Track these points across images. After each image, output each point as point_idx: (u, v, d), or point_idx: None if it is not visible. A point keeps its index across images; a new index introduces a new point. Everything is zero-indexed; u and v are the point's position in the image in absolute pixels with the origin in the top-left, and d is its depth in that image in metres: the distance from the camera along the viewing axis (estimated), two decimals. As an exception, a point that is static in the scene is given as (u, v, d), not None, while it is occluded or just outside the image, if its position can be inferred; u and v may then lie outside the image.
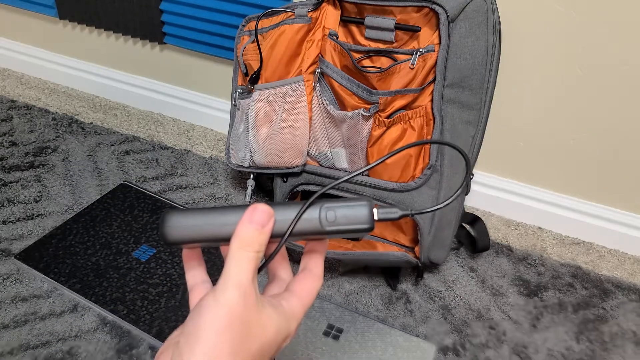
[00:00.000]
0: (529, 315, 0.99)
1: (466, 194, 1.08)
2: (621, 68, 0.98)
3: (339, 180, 0.44)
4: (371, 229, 0.43)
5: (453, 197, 0.43)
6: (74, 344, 0.92)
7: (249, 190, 1.16)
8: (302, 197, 1.11)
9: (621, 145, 1.05)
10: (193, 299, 0.45)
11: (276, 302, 0.42)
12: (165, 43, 1.37)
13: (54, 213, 1.16)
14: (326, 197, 1.06)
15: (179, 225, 0.42)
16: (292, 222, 0.42)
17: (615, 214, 1.12)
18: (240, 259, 0.39)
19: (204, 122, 1.44)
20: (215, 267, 1.03)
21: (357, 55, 0.93)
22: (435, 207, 0.44)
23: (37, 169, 1.28)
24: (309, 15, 0.95)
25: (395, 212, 0.44)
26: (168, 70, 1.43)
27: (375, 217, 0.43)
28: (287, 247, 0.97)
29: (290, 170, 1.02)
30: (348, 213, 0.43)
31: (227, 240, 0.41)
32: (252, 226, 0.40)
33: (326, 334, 0.93)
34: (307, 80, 0.97)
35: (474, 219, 1.11)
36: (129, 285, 1.00)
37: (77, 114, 1.47)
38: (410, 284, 1.04)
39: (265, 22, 0.98)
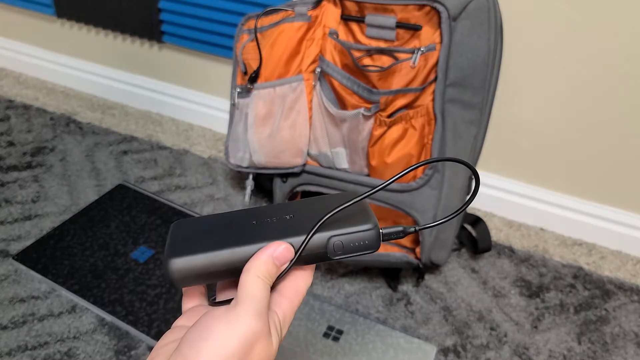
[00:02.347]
0: (531, 317, 0.99)
1: (467, 194, 1.07)
2: (624, 68, 0.97)
3: (360, 197, 0.43)
4: (377, 248, 0.43)
5: (456, 213, 0.42)
6: (72, 345, 0.91)
7: (248, 191, 1.16)
8: (302, 197, 1.10)
9: (624, 145, 1.04)
10: (187, 319, 0.44)
11: (273, 314, 0.42)
12: (163, 42, 1.36)
13: (51, 214, 1.15)
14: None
15: (187, 269, 0.41)
16: (294, 255, 0.42)
17: (618, 215, 1.11)
18: (258, 287, 0.39)
19: (202, 122, 1.43)
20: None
21: (357, 54, 0.92)
22: (438, 222, 0.43)
23: (35, 169, 1.27)
24: (308, 14, 0.94)
25: (401, 231, 0.44)
26: (166, 69, 1.42)
27: (382, 240, 0.43)
28: None
29: (290, 171, 1.02)
30: (355, 239, 0.42)
31: (236, 275, 0.41)
32: (274, 261, 0.41)
33: (326, 335, 0.92)
34: (307, 80, 0.97)
35: (476, 220, 1.10)
36: (128, 286, 0.99)
37: (75, 114, 1.46)
38: (411, 285, 1.03)
39: (264, 21, 0.97)
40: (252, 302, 0.38)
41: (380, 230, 0.43)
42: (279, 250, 0.41)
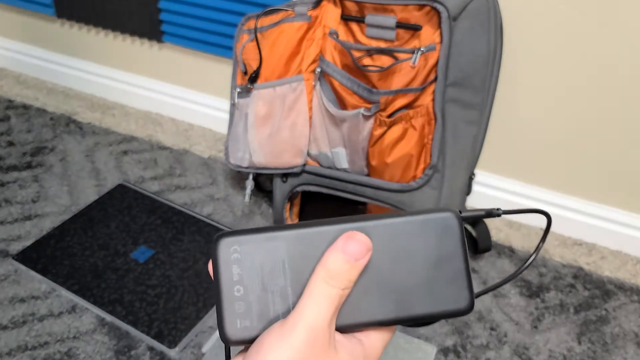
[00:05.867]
0: (531, 317, 0.99)
1: (467, 194, 1.07)
2: (624, 68, 0.97)
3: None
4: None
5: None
6: (72, 345, 0.91)
7: (248, 191, 1.16)
8: (302, 197, 1.10)
9: (623, 145, 1.04)
10: None
11: (355, 340, 0.35)
12: (163, 42, 1.36)
13: (51, 214, 1.15)
14: (327, 203, 1.06)
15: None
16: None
17: (618, 215, 1.11)
18: (322, 295, 0.32)
19: (202, 122, 1.43)
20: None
21: (357, 54, 0.92)
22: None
23: (35, 169, 1.27)
24: (308, 14, 0.94)
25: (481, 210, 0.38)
26: (166, 69, 1.42)
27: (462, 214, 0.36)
28: None
29: (290, 171, 1.02)
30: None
31: None
32: (344, 257, 0.33)
33: (326, 335, 0.92)
34: (307, 80, 0.97)
35: (476, 220, 1.10)
36: (128, 286, 0.99)
37: (75, 114, 1.46)
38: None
39: (264, 21, 0.97)
40: (309, 313, 0.32)
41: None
42: (351, 246, 0.33)
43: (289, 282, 0.34)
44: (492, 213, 0.37)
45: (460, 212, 0.35)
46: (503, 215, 1.20)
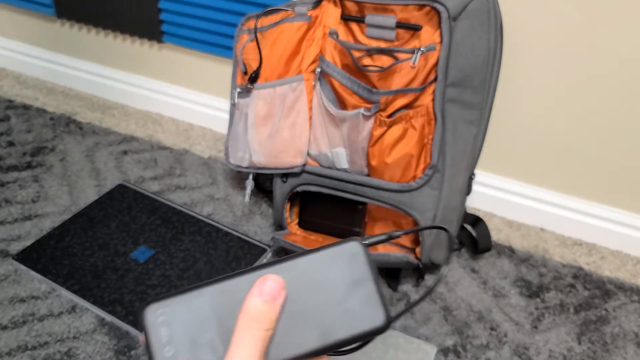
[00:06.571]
0: (531, 316, 0.99)
1: (467, 194, 1.07)
2: (623, 68, 0.97)
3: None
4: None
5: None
6: (72, 345, 0.91)
7: (248, 191, 1.16)
8: (302, 197, 1.10)
9: (624, 145, 1.04)
10: None
11: None
12: (164, 42, 1.36)
13: (51, 214, 1.15)
14: (322, 204, 1.06)
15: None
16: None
17: (618, 215, 1.11)
18: (247, 339, 0.34)
19: (202, 122, 1.43)
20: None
21: (357, 54, 0.92)
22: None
23: (35, 169, 1.27)
24: (308, 14, 0.94)
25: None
26: (167, 70, 1.42)
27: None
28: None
29: (290, 171, 1.02)
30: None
31: None
32: (262, 298, 0.35)
33: (326, 335, 0.92)
34: (307, 80, 0.97)
35: (476, 220, 1.10)
36: (128, 286, 0.99)
37: (75, 114, 1.46)
38: (412, 285, 1.03)
39: (264, 21, 0.97)
40: (237, 359, 0.34)
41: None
42: (266, 287, 0.36)
43: (216, 334, 0.36)
44: (393, 235, 0.40)
45: (363, 237, 0.39)
46: (503, 215, 1.20)
